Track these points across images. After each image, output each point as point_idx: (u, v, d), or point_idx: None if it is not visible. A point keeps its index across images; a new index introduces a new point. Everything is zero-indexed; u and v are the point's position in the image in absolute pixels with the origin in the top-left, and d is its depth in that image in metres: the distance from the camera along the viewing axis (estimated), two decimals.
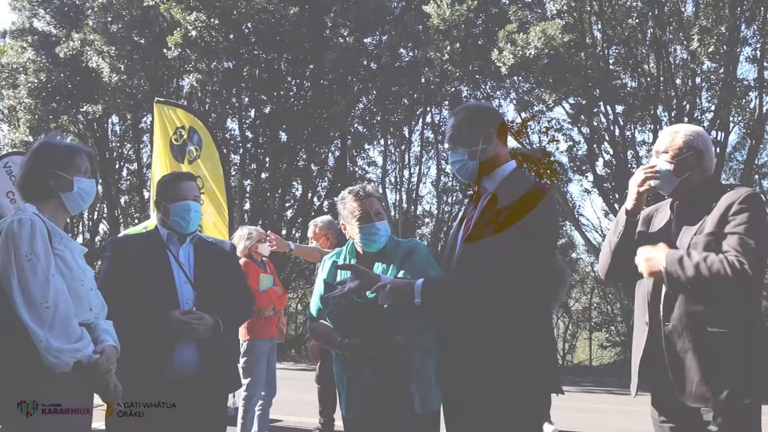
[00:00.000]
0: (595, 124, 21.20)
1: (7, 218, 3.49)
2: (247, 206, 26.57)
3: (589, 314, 27.89)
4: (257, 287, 7.54)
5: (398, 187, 25.55)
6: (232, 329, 4.77)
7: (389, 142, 25.17)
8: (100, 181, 29.22)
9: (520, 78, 20.98)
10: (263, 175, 26.28)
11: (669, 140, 3.85)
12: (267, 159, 26.49)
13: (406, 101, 23.86)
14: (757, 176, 23.30)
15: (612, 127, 20.79)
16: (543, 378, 3.58)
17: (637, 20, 18.98)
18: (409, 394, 4.11)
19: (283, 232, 26.81)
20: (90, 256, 29.63)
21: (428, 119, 25.78)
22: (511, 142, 23.11)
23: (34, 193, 3.64)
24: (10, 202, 10.91)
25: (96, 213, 32.85)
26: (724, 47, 17.77)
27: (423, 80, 20.86)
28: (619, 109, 20.69)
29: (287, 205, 28.07)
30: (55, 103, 26.97)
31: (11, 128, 30.25)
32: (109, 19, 23.93)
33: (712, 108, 20.19)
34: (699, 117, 20.24)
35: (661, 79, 20.06)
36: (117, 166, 30.04)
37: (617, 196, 20.39)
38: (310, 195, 27.89)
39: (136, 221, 26.01)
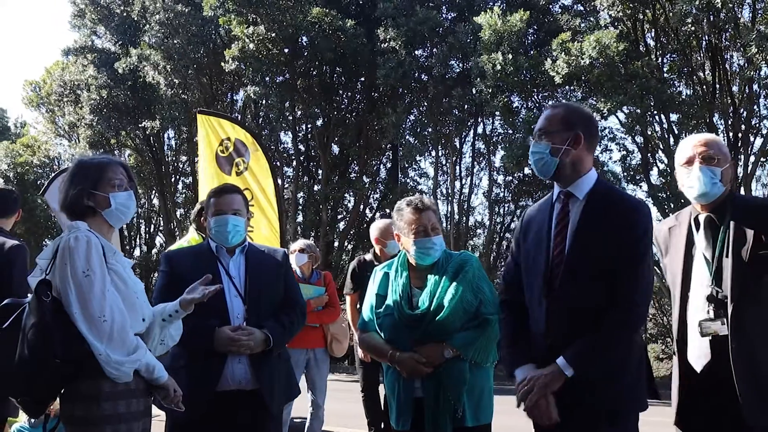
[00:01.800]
0: (650, 133, 20.97)
1: (63, 235, 3.55)
2: (300, 218, 26.73)
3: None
4: None
5: (450, 198, 25.49)
6: (283, 341, 4.73)
7: (441, 154, 25.15)
8: (156, 194, 29.76)
9: (572, 87, 20.84)
10: (316, 188, 26.43)
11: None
12: (320, 171, 26.64)
13: (457, 112, 23.82)
14: None
15: (666, 136, 20.53)
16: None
17: (692, 27, 18.75)
18: (461, 406, 4.11)
19: (336, 243, 26.95)
20: (147, 269, 30.20)
21: (480, 130, 25.72)
22: None
23: (77, 213, 3.68)
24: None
25: (152, 226, 33.39)
26: None
27: (474, 91, 20.80)
28: (674, 117, 20.43)
29: (339, 217, 28.19)
30: (115, 119, 27.53)
31: (71, 144, 30.95)
32: (162, 34, 24.36)
33: None
34: (757, 124, 19.93)
35: (717, 86, 19.78)
36: (173, 179, 30.48)
37: (672, 206, 20.08)
38: (362, 207, 27.98)
39: None
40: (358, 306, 7.60)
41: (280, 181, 23.02)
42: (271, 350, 4.50)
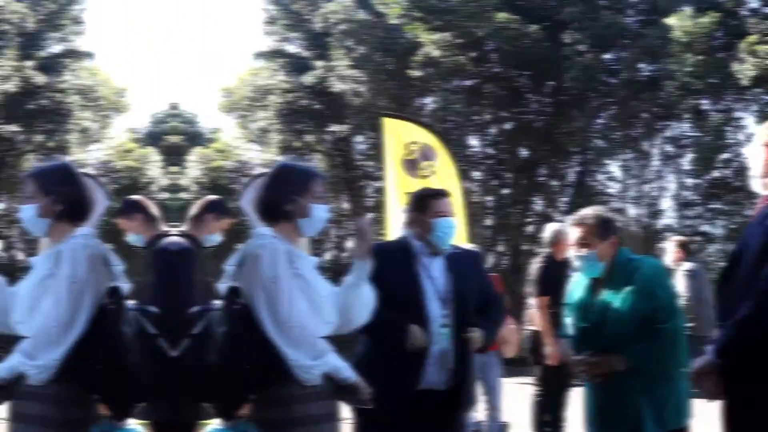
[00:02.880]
0: None
1: (250, 242, 3.60)
2: (489, 222, 26.84)
3: None
4: None
5: (638, 201, 25.00)
6: (493, 336, 4.81)
7: (629, 157, 24.73)
8: (345, 198, 30.54)
9: (761, 90, 20.08)
10: (504, 191, 26.47)
11: None
12: (508, 175, 26.67)
13: (646, 115, 23.38)
14: None
15: None
16: None
17: None
18: (639, 416, 4.12)
19: (523, 246, 26.90)
20: (336, 272, 30.97)
21: (668, 133, 25.09)
22: None
23: (272, 215, 3.67)
24: None
25: (342, 230, 34.26)
26: None
27: (663, 94, 20.40)
28: None
29: (528, 220, 28.10)
30: (302, 123, 28.45)
31: (263, 148, 32.15)
32: (352, 42, 25.06)
33: None
34: None
35: None
36: (362, 183, 31.20)
37: None
38: (550, 210, 27.78)
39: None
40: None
41: (467, 185, 23.29)
42: (483, 349, 4.66)
